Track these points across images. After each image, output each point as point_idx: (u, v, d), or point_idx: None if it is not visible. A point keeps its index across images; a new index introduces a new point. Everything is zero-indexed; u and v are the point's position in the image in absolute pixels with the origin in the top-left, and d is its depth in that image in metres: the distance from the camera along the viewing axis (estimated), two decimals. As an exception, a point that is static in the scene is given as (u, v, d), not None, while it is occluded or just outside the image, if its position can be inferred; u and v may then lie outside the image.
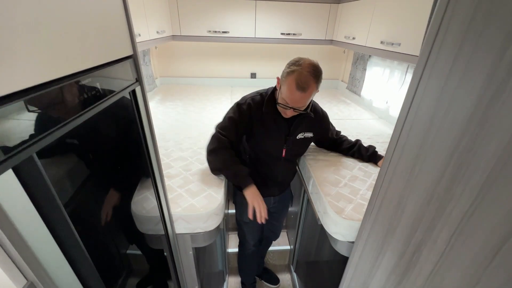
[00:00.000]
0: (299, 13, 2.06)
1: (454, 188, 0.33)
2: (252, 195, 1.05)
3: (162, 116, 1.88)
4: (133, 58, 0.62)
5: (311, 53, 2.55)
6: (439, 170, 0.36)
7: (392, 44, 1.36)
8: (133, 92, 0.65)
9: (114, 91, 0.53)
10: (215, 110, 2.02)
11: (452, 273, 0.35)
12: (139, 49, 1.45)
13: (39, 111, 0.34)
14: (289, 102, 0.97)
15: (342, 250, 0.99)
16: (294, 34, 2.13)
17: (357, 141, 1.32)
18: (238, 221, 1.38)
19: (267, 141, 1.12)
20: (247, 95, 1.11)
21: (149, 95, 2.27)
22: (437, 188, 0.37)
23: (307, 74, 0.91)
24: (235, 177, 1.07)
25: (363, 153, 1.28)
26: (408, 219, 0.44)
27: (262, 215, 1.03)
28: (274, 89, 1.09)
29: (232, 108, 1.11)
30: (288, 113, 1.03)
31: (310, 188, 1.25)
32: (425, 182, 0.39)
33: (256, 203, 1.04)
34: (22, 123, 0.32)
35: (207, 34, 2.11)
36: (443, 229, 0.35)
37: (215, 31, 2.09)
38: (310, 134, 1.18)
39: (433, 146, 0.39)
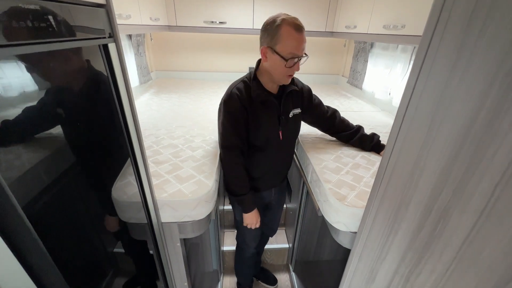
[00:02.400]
0: (298, 4, 2.00)
1: (500, 120, 0.25)
2: (250, 219, 1.12)
3: (156, 107, 1.81)
4: (106, 9, 0.55)
5: (310, 46, 2.48)
6: (475, 104, 0.28)
7: (396, 27, 1.29)
8: (106, 50, 0.57)
9: (72, 35, 0.45)
10: (211, 102, 1.94)
11: (496, 239, 0.26)
12: (131, 32, 1.38)
13: None
14: (296, 50, 0.89)
15: (345, 242, 0.90)
16: (293, 25, 2.06)
17: (359, 128, 1.23)
18: (238, 222, 1.26)
19: (263, 127, 1.03)
20: (229, 89, 1.01)
21: (143, 87, 2.20)
22: (473, 127, 0.28)
23: (292, 17, 0.89)
24: (240, 204, 1.11)
25: (366, 143, 1.20)
26: (430, 180, 0.35)
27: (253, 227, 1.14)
28: (255, 72, 1.01)
29: (221, 109, 1.01)
30: (296, 68, 0.95)
31: (309, 177, 1.17)
32: (454, 126, 0.31)
33: (251, 225, 1.13)
34: None
35: (203, 25, 2.04)
36: (482, 179, 0.27)
37: (212, 22, 2.03)
38: (298, 110, 1.12)
39: (466, 72, 0.30)
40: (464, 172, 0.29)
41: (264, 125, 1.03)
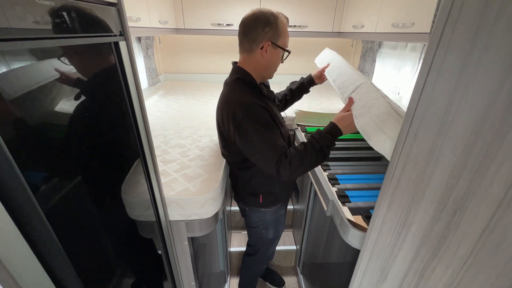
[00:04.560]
0: (305, 4, 2.01)
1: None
2: (349, 127, 0.85)
3: (164, 108, 1.83)
4: (117, 8, 0.56)
5: (317, 47, 2.47)
6: (493, 88, 0.27)
7: (405, 24, 1.27)
8: (117, 48, 0.58)
9: (85, 32, 0.46)
10: (218, 103, 1.95)
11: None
12: (140, 34, 1.41)
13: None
14: (287, 44, 0.92)
15: (354, 242, 0.88)
16: (300, 26, 2.06)
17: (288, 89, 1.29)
18: (266, 239, 1.23)
19: (282, 121, 0.99)
20: (234, 102, 0.86)
21: (152, 90, 2.24)
22: (492, 112, 0.27)
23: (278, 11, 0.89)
24: (331, 141, 0.84)
25: (294, 85, 1.25)
26: (445, 170, 0.34)
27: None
28: (244, 73, 0.93)
29: (246, 124, 0.82)
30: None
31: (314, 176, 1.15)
32: (471, 112, 0.30)
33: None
34: None
35: (211, 27, 2.07)
36: (502, 166, 0.26)
37: (219, 24, 2.05)
38: None
39: (483, 55, 0.29)
40: (482, 160, 0.28)
41: (282, 120, 1.01)
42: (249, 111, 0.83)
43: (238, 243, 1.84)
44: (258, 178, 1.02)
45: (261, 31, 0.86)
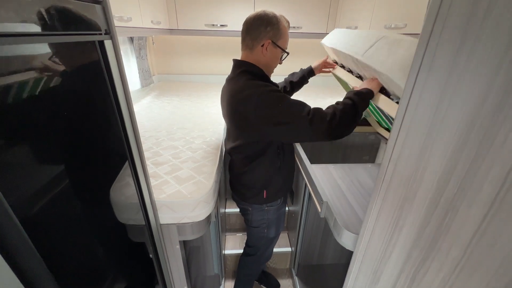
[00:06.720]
0: (299, 5, 2.01)
1: (510, 101, 0.23)
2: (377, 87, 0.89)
3: (157, 109, 1.81)
4: (102, 5, 0.54)
5: (311, 48, 2.48)
6: (483, 87, 0.26)
7: (397, 26, 1.28)
8: (102, 47, 0.56)
9: (67, 30, 0.44)
10: (213, 104, 1.94)
11: (509, 231, 0.24)
12: (131, 34, 1.39)
13: None
14: (287, 45, 0.96)
15: (348, 244, 0.87)
16: (294, 27, 2.06)
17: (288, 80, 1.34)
18: (267, 239, 1.23)
19: None
20: (252, 87, 0.86)
21: (145, 91, 2.21)
22: (482, 110, 0.27)
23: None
24: (365, 100, 0.86)
25: (295, 76, 1.30)
26: (435, 172, 0.33)
27: None
28: (249, 65, 0.94)
29: (273, 101, 0.83)
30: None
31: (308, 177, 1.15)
32: (461, 111, 0.29)
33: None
34: None
35: (205, 28, 2.05)
36: (493, 167, 0.25)
37: (213, 25, 2.04)
38: None
39: (472, 54, 0.29)
40: (472, 161, 0.28)
41: None
42: (269, 89, 0.85)
43: (232, 246, 1.82)
44: (263, 172, 1.02)
45: (263, 29, 0.89)
